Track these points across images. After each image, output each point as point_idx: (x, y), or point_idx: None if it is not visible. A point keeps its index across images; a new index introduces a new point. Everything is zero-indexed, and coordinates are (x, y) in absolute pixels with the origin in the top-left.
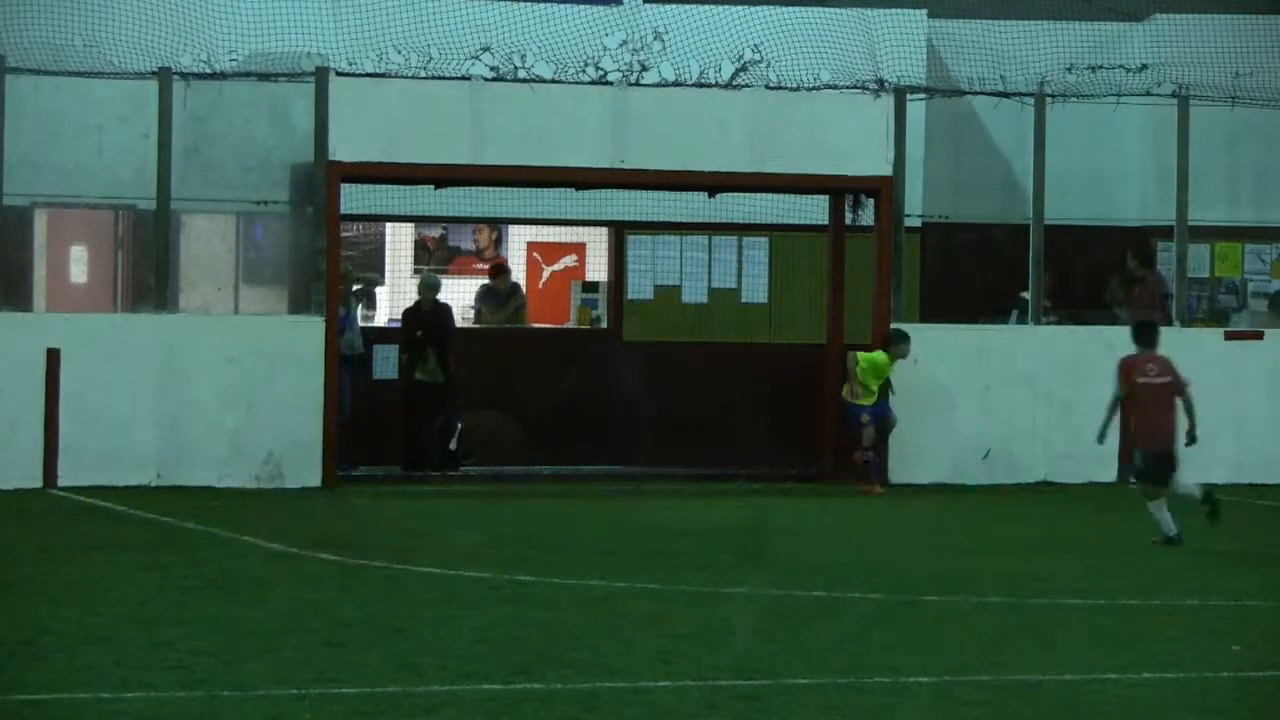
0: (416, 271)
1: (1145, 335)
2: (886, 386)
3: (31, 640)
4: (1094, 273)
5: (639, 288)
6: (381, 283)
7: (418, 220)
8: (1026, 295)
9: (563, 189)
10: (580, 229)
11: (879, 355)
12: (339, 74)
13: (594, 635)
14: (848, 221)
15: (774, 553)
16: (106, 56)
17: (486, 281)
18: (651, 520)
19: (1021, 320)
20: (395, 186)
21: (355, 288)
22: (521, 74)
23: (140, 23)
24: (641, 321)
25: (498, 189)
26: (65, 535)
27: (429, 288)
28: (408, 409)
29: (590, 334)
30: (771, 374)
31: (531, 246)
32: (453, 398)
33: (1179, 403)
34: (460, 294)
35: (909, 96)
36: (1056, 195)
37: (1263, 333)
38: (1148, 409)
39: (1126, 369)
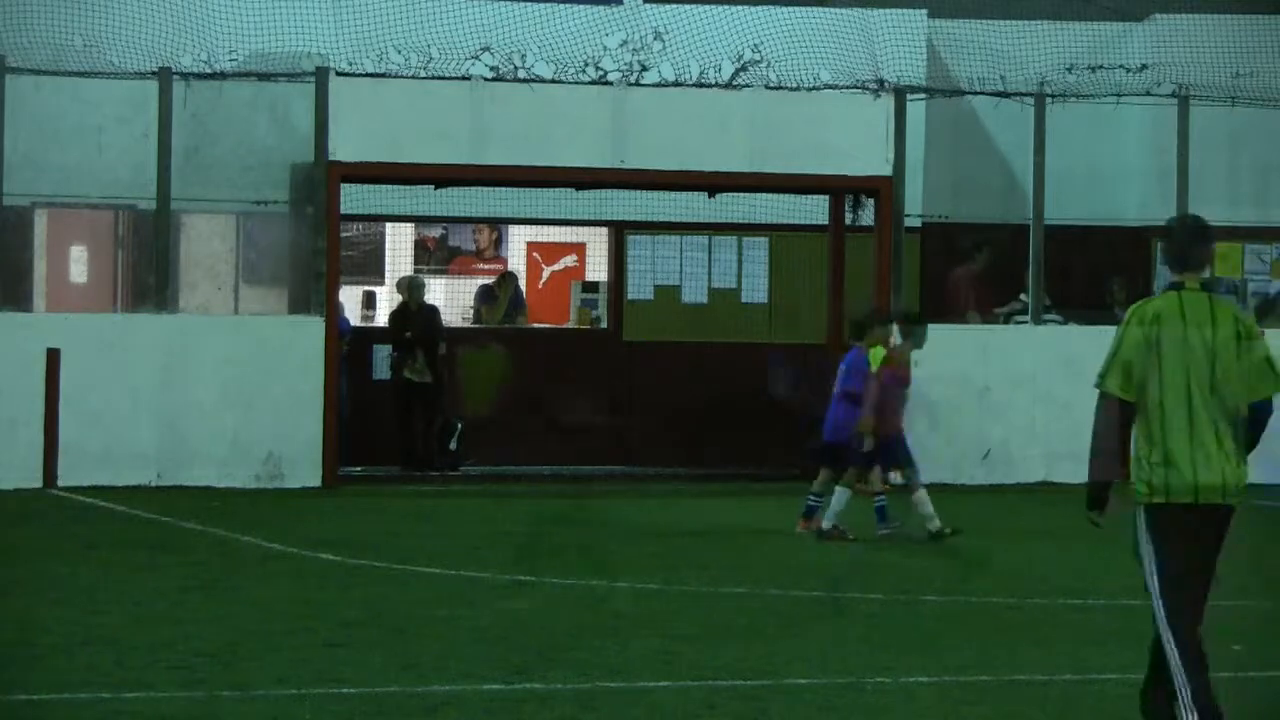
0: (417, 271)
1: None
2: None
3: (31, 640)
4: (1094, 273)
5: (639, 288)
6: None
7: (418, 220)
8: (1025, 298)
9: (563, 189)
10: (580, 229)
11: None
12: (339, 74)
13: (594, 635)
14: (848, 221)
15: (773, 553)
16: (106, 56)
17: (486, 282)
18: (651, 520)
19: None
20: (395, 186)
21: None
22: (521, 74)
23: (140, 23)
24: (641, 321)
25: (498, 189)
26: (65, 535)
27: (412, 288)
28: (399, 409)
29: (590, 334)
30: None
31: (531, 246)
32: (441, 398)
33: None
34: (461, 294)
35: (909, 96)
36: (1056, 195)
37: (1263, 333)
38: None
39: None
